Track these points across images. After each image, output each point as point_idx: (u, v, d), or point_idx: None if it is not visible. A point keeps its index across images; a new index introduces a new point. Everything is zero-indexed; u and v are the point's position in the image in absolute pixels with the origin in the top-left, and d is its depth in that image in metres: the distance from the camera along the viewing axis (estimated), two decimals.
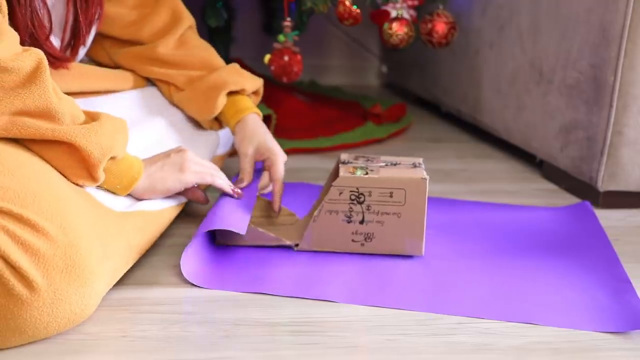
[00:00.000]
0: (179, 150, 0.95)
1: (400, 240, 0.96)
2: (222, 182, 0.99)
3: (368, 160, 1.01)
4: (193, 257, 0.89)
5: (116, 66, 1.10)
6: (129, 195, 0.89)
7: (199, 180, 0.95)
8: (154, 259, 0.94)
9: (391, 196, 0.94)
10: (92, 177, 0.81)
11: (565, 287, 0.90)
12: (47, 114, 0.76)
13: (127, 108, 1.03)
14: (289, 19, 1.43)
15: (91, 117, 0.83)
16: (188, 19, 1.13)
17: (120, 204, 0.86)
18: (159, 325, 0.78)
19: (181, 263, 0.87)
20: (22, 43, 0.81)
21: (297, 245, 0.98)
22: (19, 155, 0.76)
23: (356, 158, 1.02)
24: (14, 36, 0.76)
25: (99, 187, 0.85)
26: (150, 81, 1.12)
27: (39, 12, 0.85)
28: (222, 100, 1.07)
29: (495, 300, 0.86)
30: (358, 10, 1.38)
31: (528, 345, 0.77)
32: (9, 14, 0.80)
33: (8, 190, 0.70)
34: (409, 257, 0.97)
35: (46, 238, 0.69)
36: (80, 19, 0.93)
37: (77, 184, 0.81)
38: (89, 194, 0.82)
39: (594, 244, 1.04)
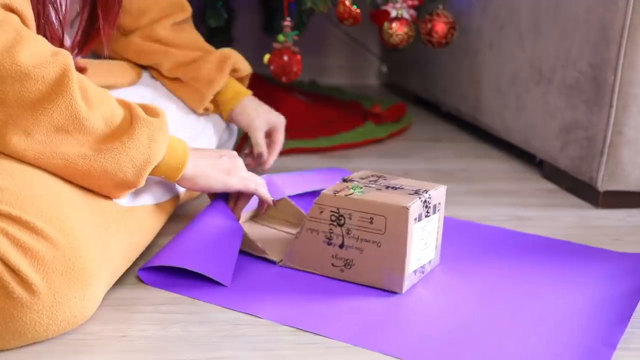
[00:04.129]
0: (231, 155, 0.96)
1: (380, 272, 0.87)
2: (265, 192, 0.99)
3: (378, 179, 0.93)
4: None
5: (110, 56, 1.08)
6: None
7: (242, 188, 0.95)
8: None
9: (371, 222, 0.85)
10: (131, 189, 0.82)
11: (541, 340, 0.78)
12: (76, 125, 0.75)
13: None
14: (288, 18, 1.43)
15: (128, 110, 0.81)
16: (189, 10, 1.18)
17: (123, 198, 0.85)
18: (158, 325, 0.78)
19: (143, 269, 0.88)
20: None
21: (281, 261, 0.94)
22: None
23: (365, 177, 0.94)
24: (41, 42, 0.74)
25: None
26: (143, 69, 1.15)
27: (53, 23, 0.84)
28: (224, 77, 1.14)
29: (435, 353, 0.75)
30: (358, 10, 1.38)
31: None
32: None
33: (7, 192, 0.70)
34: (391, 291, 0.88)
35: (46, 241, 0.69)
36: (100, 23, 0.92)
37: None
38: None
39: (620, 297, 0.90)
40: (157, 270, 0.89)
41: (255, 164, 1.20)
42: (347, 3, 1.37)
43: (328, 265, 0.90)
